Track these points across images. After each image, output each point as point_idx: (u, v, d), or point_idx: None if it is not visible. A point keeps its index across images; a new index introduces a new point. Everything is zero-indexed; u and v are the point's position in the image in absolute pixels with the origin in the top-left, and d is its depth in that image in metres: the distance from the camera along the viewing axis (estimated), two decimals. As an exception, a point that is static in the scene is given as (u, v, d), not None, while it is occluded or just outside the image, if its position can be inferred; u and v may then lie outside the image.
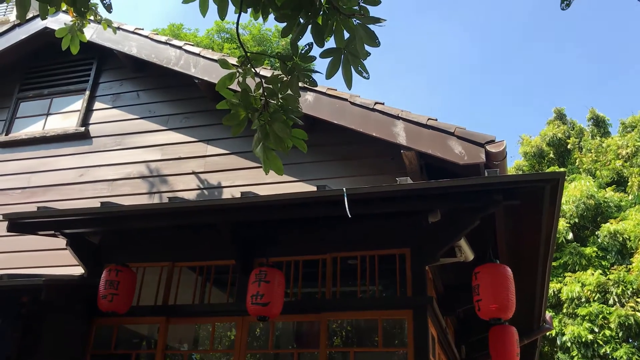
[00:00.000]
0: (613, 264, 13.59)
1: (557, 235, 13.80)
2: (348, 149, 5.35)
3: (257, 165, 5.41)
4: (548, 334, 12.15)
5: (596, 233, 14.40)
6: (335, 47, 2.54)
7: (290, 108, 2.80)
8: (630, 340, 12.42)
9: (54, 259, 5.58)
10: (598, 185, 16.18)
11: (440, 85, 67.17)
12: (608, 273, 13.26)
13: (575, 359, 12.38)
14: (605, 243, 13.94)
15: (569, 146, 18.82)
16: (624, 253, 13.67)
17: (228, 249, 4.61)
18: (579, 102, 47.71)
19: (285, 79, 2.77)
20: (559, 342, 12.77)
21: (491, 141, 4.52)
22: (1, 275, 4.45)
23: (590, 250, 13.95)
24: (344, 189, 3.78)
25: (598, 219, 14.84)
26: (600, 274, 13.08)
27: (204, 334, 6.06)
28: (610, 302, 12.61)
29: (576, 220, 14.77)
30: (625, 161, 16.79)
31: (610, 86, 47.00)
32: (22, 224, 4.69)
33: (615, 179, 16.80)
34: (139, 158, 6.11)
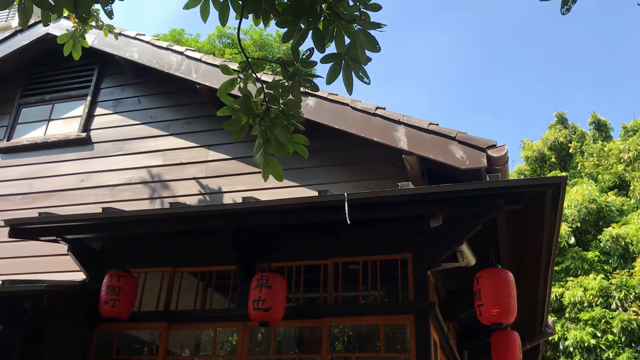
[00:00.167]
0: (615, 269, 13.58)
1: (559, 240, 13.80)
2: (349, 153, 5.34)
3: (259, 170, 5.34)
4: (550, 338, 12.12)
5: (598, 237, 14.39)
6: (336, 53, 2.55)
7: (291, 113, 2.80)
8: (633, 345, 12.39)
9: (55, 265, 5.58)
10: (600, 189, 16.17)
11: (441, 90, 67.27)
12: (610, 277, 13.24)
13: (577, 364, 12.35)
14: (607, 247, 13.93)
15: (571, 150, 18.81)
16: (626, 257, 13.66)
17: (229, 254, 4.60)
18: (581, 106, 47.76)
19: (287, 84, 2.77)
20: (561, 347, 12.73)
21: (492, 146, 4.51)
22: (3, 281, 4.45)
23: (592, 254, 13.93)
24: (345, 194, 3.77)
25: (600, 223, 14.83)
26: (603, 278, 13.06)
27: (205, 339, 6.06)
28: (613, 307, 12.59)
29: (578, 225, 14.77)
30: (627, 165, 16.78)
31: (611, 90, 47.00)
32: (24, 230, 4.70)
33: (617, 183, 16.78)
34: (141, 163, 6.11)
